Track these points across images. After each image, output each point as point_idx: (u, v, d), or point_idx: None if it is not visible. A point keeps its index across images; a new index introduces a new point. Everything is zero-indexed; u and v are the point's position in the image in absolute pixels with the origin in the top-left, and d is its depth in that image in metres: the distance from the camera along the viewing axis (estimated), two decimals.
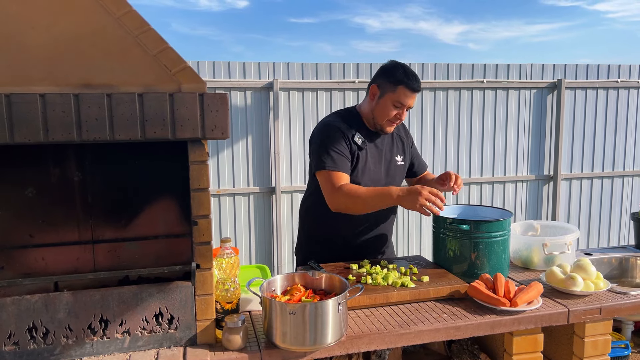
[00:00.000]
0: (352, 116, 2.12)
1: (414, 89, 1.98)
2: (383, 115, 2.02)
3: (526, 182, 4.94)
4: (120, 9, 1.38)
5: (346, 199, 1.92)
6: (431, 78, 4.59)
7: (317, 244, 2.19)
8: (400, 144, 2.23)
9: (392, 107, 2.00)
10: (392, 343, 1.56)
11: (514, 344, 1.68)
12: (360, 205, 1.94)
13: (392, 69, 2.01)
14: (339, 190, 1.93)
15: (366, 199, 1.90)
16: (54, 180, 1.55)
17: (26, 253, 1.55)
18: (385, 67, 2.05)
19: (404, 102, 1.99)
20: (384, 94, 2.01)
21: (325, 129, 2.05)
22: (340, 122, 2.06)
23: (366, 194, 1.90)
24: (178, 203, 1.62)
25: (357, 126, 2.09)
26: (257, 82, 4.21)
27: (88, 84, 1.33)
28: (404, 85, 1.97)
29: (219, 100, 1.38)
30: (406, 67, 2.01)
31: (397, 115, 2.02)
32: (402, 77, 1.97)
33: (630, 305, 1.78)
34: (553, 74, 4.86)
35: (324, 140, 2.01)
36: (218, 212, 4.28)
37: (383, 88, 2.01)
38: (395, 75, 1.98)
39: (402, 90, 1.97)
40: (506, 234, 1.93)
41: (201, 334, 1.49)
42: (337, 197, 1.94)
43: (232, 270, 1.53)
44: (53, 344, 1.39)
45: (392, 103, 1.99)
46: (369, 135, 2.10)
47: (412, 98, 2.00)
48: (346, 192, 1.91)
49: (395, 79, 1.98)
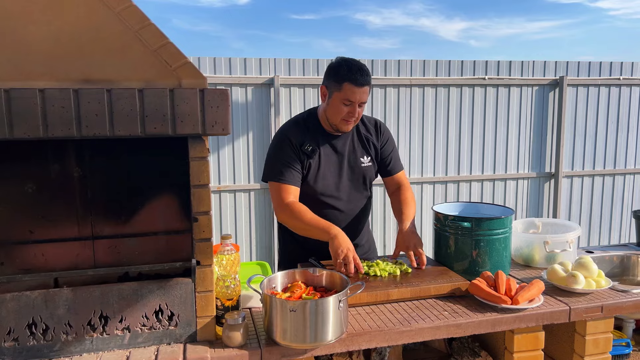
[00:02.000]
0: (311, 120, 2.09)
1: (360, 83, 1.91)
2: (335, 115, 1.98)
3: (527, 179, 4.93)
4: (121, 4, 1.38)
5: (289, 219, 1.98)
6: (433, 75, 4.57)
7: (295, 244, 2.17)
8: (366, 143, 2.14)
9: (342, 106, 1.95)
10: (392, 340, 1.55)
11: (515, 341, 1.67)
12: (300, 230, 1.99)
13: (336, 67, 1.96)
14: (285, 207, 1.97)
15: (305, 227, 1.94)
16: (53, 176, 1.54)
17: (26, 249, 1.55)
18: (330, 65, 2.00)
19: (352, 99, 1.93)
20: (331, 93, 1.97)
21: (277, 139, 2.07)
22: (293, 131, 2.04)
23: (307, 222, 1.92)
24: (178, 199, 1.61)
25: (315, 130, 2.05)
26: (258, 78, 4.19)
27: (88, 79, 1.32)
28: (348, 81, 1.91)
29: (219, 96, 1.37)
30: (351, 62, 1.95)
31: (350, 113, 1.96)
32: (346, 73, 1.92)
33: (631, 304, 1.77)
34: (555, 71, 4.84)
35: (275, 152, 2.04)
36: (219, 209, 4.28)
37: (330, 88, 1.98)
38: (339, 73, 1.93)
39: (348, 87, 1.92)
40: (507, 231, 1.92)
41: (201, 330, 1.48)
42: (282, 214, 1.99)
43: (233, 267, 1.52)
44: (53, 340, 1.38)
45: (341, 101, 1.95)
46: (328, 138, 2.07)
47: (360, 93, 1.93)
48: (290, 213, 1.95)
49: (339, 76, 1.93)
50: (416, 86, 4.52)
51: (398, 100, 4.49)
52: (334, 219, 2.03)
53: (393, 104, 4.48)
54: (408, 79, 4.46)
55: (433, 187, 4.71)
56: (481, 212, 2.08)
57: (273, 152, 2.05)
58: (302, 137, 2.03)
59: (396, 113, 4.50)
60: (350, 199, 2.12)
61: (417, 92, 4.53)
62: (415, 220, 4.69)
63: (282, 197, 1.97)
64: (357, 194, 2.14)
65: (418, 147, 4.60)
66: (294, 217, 1.95)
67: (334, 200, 2.09)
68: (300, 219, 1.93)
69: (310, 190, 2.05)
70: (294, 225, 1.99)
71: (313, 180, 2.04)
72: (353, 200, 2.13)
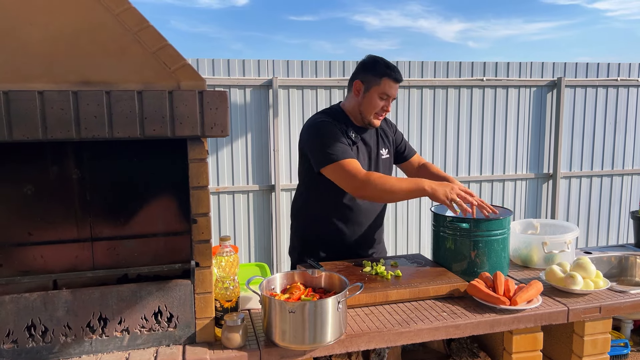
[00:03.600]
0: (339, 114, 2.13)
1: (397, 79, 2.06)
2: (370, 109, 2.07)
3: (526, 180, 4.94)
4: (119, 5, 1.38)
5: (375, 190, 1.89)
6: (431, 76, 4.58)
7: (310, 244, 2.19)
8: (384, 137, 2.26)
9: (379, 99, 2.06)
10: (391, 341, 1.56)
11: (514, 342, 1.68)
12: (391, 196, 1.97)
13: (374, 63, 2.08)
14: (367, 179, 1.89)
15: (398, 190, 1.88)
16: (52, 178, 1.54)
17: (25, 251, 1.55)
18: (366, 62, 2.11)
19: (389, 93, 2.06)
20: (369, 87, 2.06)
21: (319, 126, 2.04)
22: (330, 120, 2.08)
23: (398, 186, 1.88)
24: (177, 201, 1.61)
25: (345, 123, 2.11)
26: (257, 79, 4.20)
27: (87, 81, 1.32)
28: (388, 76, 2.04)
29: (218, 98, 1.37)
30: (385, 60, 2.09)
31: (384, 107, 2.08)
32: (385, 69, 2.04)
33: (629, 304, 1.78)
34: (553, 72, 4.86)
35: (325, 136, 1.99)
36: (217, 210, 4.28)
37: (367, 82, 2.06)
38: (378, 68, 2.05)
39: (387, 82, 2.04)
40: (506, 232, 1.92)
41: (200, 332, 1.48)
42: (366, 186, 1.89)
43: (232, 268, 1.52)
44: (52, 342, 1.38)
45: (379, 95, 2.05)
46: (357, 131, 2.13)
47: (395, 88, 2.08)
48: (376, 182, 1.88)
49: (378, 72, 2.04)
50: (414, 87, 4.53)
51: (396, 102, 4.50)
52: (360, 211, 2.12)
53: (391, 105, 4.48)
54: (406, 80, 4.46)
55: None
56: (480, 213, 2.09)
57: (322, 138, 1.99)
58: (341, 125, 2.08)
59: (394, 114, 4.50)
60: None
61: (415, 94, 4.54)
62: (414, 221, 4.73)
63: (356, 171, 1.91)
64: None
65: (416, 148, 4.60)
66: (380, 186, 1.88)
67: None
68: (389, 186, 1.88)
69: None
70: (383, 193, 1.91)
71: None
72: None
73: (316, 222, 2.16)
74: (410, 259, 2.07)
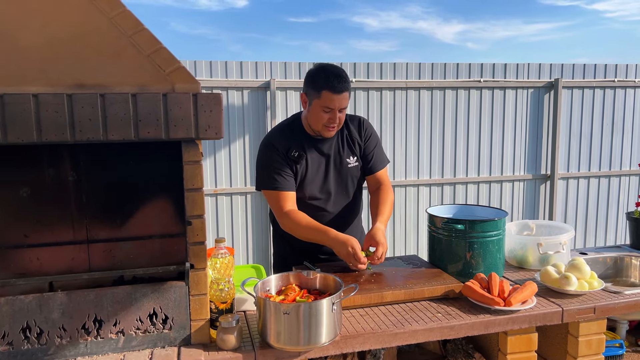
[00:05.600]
0: (295, 125, 2.10)
1: (338, 90, 1.92)
2: (317, 122, 1.99)
3: (523, 181, 4.95)
4: (114, 9, 1.38)
5: (290, 226, 2.02)
6: (428, 77, 4.59)
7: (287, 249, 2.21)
8: (351, 143, 2.15)
9: (323, 112, 1.96)
10: (386, 342, 1.56)
11: (508, 343, 1.68)
12: (302, 236, 2.02)
13: (314, 75, 1.97)
14: (285, 216, 2.01)
15: (307, 233, 1.99)
16: (48, 181, 1.54)
17: (20, 253, 1.55)
18: (309, 73, 2.01)
19: (331, 106, 1.94)
20: (311, 101, 1.98)
21: (264, 147, 2.08)
22: (278, 138, 2.06)
23: (306, 229, 1.98)
24: (172, 203, 1.62)
25: (299, 136, 2.06)
26: (254, 81, 4.21)
27: (81, 84, 1.33)
28: (326, 89, 1.92)
29: (212, 100, 1.38)
30: (328, 68, 1.95)
31: (331, 119, 1.97)
32: (323, 81, 1.92)
33: (624, 305, 1.78)
34: (550, 73, 4.87)
35: (264, 161, 2.06)
36: (215, 212, 4.28)
37: (309, 95, 1.99)
38: (317, 80, 1.94)
39: (326, 95, 1.92)
40: (501, 233, 1.93)
41: (195, 333, 1.49)
42: (284, 222, 2.03)
43: (227, 270, 1.53)
44: (47, 344, 1.39)
45: (321, 108, 1.95)
46: (312, 142, 2.07)
47: (339, 100, 1.94)
48: (291, 220, 2.00)
49: (317, 84, 1.94)
50: (412, 89, 4.54)
51: (394, 103, 4.51)
52: (322, 221, 2.04)
53: (389, 106, 4.50)
54: (404, 82, 4.48)
55: (429, 189, 4.72)
56: (475, 215, 2.10)
57: (262, 161, 2.07)
58: (287, 144, 2.03)
59: (392, 116, 4.51)
60: (338, 200, 2.14)
61: (412, 95, 4.55)
62: (412, 222, 4.72)
63: (281, 206, 2.01)
64: (344, 194, 2.16)
65: (414, 149, 4.62)
66: (294, 224, 2.00)
67: (322, 202, 2.11)
68: (300, 227, 1.99)
69: (298, 194, 2.06)
70: (296, 232, 2.02)
71: (300, 184, 2.06)
72: (340, 201, 2.15)
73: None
74: (406, 260, 2.08)
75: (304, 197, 2.07)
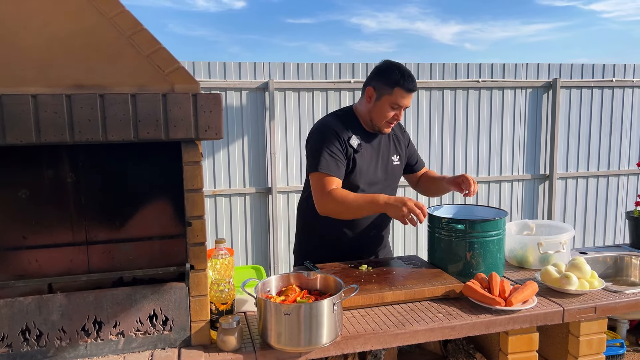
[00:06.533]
0: (349, 117, 2.12)
1: (410, 89, 1.99)
2: (381, 117, 2.03)
3: (522, 181, 4.95)
4: (113, 9, 1.38)
5: (335, 204, 1.95)
6: (427, 78, 4.59)
7: (315, 244, 2.19)
8: (397, 143, 2.23)
9: (390, 109, 2.00)
10: (387, 343, 1.56)
11: (509, 343, 1.68)
12: (348, 211, 1.97)
13: (388, 71, 2.00)
14: (328, 195, 1.95)
15: (354, 205, 1.93)
16: (47, 182, 1.54)
17: (19, 255, 1.54)
18: (380, 68, 2.04)
19: (401, 104, 1.99)
20: (380, 96, 2.00)
21: (321, 130, 2.06)
22: (337, 124, 2.06)
23: (355, 200, 1.93)
24: (172, 204, 1.61)
25: (354, 127, 2.08)
26: (253, 82, 4.20)
27: (80, 85, 1.32)
28: (400, 86, 1.96)
29: (212, 101, 1.37)
30: (401, 67, 2.00)
31: (395, 116, 2.03)
32: (399, 78, 1.96)
33: (624, 304, 1.78)
34: (548, 73, 4.87)
35: (320, 142, 2.02)
36: (214, 213, 4.28)
37: (379, 90, 2.01)
38: (391, 77, 1.97)
39: (399, 92, 1.97)
40: (501, 233, 1.93)
41: (196, 335, 1.48)
42: (326, 202, 1.97)
43: (227, 271, 1.52)
44: (46, 346, 1.38)
45: (390, 105, 1.99)
46: (366, 136, 2.10)
47: (408, 98, 2.01)
48: (335, 198, 1.94)
49: (391, 80, 1.97)
50: None
51: None
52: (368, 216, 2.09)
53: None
54: None
55: None
56: (475, 214, 2.09)
57: (318, 144, 2.02)
58: (347, 132, 2.05)
59: None
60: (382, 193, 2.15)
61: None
62: None
63: (325, 186, 1.97)
64: (389, 191, 2.18)
65: None
66: (339, 201, 1.93)
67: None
68: (347, 201, 1.93)
69: (350, 184, 2.06)
70: (341, 209, 1.96)
71: (358, 174, 2.07)
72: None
73: (321, 222, 2.12)
74: (406, 260, 2.08)
75: (355, 188, 2.07)
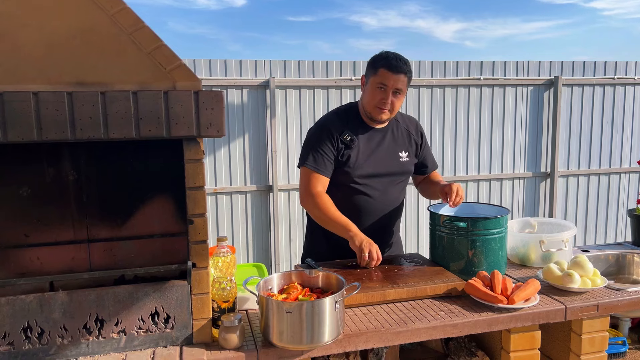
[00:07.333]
0: (350, 112, 2.15)
1: (394, 68, 1.97)
2: (370, 101, 2.05)
3: (523, 179, 4.94)
4: (114, 6, 1.37)
5: (313, 207, 2.03)
6: (428, 75, 4.58)
7: (324, 239, 2.18)
8: (408, 140, 2.20)
9: (377, 90, 2.01)
10: (389, 341, 1.55)
11: (512, 341, 1.68)
12: (322, 221, 2.04)
13: (376, 56, 2.07)
14: (313, 196, 2.03)
15: (330, 220, 1.99)
16: (48, 180, 1.54)
17: (21, 253, 1.54)
18: (372, 57, 2.10)
19: (386, 83, 1.99)
20: (368, 80, 2.06)
21: (317, 128, 2.13)
22: (333, 121, 2.10)
23: (332, 216, 1.99)
24: (174, 202, 1.61)
25: (352, 122, 2.10)
26: (254, 80, 4.19)
27: (82, 82, 1.32)
28: (383, 66, 1.99)
29: (214, 98, 1.37)
30: (390, 52, 2.04)
31: (383, 99, 2.01)
32: (383, 60, 2.00)
33: (627, 302, 1.78)
34: (550, 71, 4.86)
35: (313, 140, 2.09)
36: (215, 211, 4.27)
37: (367, 75, 2.07)
38: (377, 60, 2.04)
39: (382, 72, 1.99)
40: (503, 231, 1.92)
41: (197, 333, 1.48)
42: (308, 200, 2.05)
43: (229, 269, 1.52)
44: (48, 344, 1.38)
45: (376, 86, 2.01)
46: (365, 130, 2.11)
47: (394, 79, 1.98)
48: (317, 202, 2.02)
49: (376, 63, 2.03)
50: (412, 87, 4.52)
51: None
52: (366, 207, 2.10)
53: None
54: None
55: None
56: (477, 212, 2.09)
57: (310, 140, 2.10)
58: (341, 127, 2.08)
59: None
60: (386, 190, 2.15)
61: (412, 93, 4.54)
62: (412, 220, 4.72)
63: (311, 185, 2.04)
64: (393, 187, 2.18)
65: None
66: (317, 207, 2.01)
67: (369, 189, 2.11)
68: (324, 211, 2.00)
69: (347, 177, 2.08)
70: (316, 215, 2.04)
71: (350, 168, 2.08)
72: (388, 192, 2.16)
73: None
74: (407, 258, 2.07)
75: (352, 181, 2.09)
